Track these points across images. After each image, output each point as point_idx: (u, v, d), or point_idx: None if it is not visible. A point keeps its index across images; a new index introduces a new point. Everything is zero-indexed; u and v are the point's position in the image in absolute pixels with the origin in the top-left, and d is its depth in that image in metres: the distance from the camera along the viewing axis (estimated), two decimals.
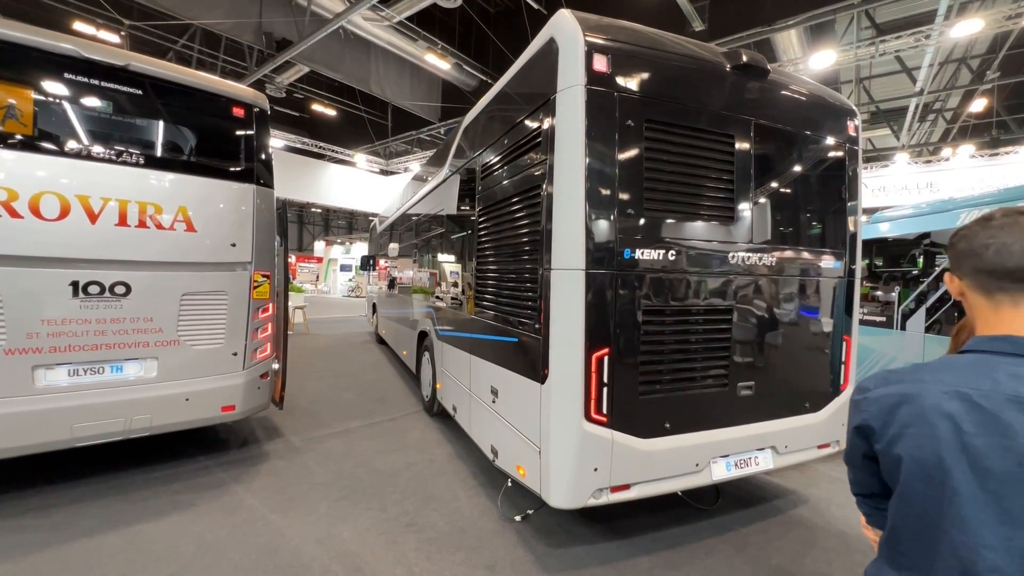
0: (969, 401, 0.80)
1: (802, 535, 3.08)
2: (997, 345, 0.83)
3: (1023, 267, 0.82)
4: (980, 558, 0.75)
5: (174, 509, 3.16)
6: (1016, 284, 0.84)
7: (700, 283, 2.69)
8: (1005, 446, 0.76)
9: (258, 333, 3.91)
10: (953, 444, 0.79)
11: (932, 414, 0.82)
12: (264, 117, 3.96)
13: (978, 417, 0.78)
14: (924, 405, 0.83)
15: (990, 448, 0.77)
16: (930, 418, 0.82)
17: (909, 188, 13.23)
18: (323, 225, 40.99)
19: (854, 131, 3.25)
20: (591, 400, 2.42)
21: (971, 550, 0.76)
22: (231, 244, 3.73)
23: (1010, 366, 0.80)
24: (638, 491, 2.58)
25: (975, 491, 0.77)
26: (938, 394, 0.83)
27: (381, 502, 3.35)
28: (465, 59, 12.36)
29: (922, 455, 0.83)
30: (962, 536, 0.77)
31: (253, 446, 4.31)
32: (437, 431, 4.87)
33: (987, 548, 0.75)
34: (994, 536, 0.75)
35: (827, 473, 4.06)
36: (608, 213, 2.43)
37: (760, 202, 2.86)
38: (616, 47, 2.47)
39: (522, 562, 2.71)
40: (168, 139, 3.57)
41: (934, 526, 0.82)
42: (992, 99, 12.73)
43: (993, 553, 0.74)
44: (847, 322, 3.26)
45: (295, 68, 12.92)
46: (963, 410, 0.80)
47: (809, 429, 3.09)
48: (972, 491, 0.77)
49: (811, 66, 9.88)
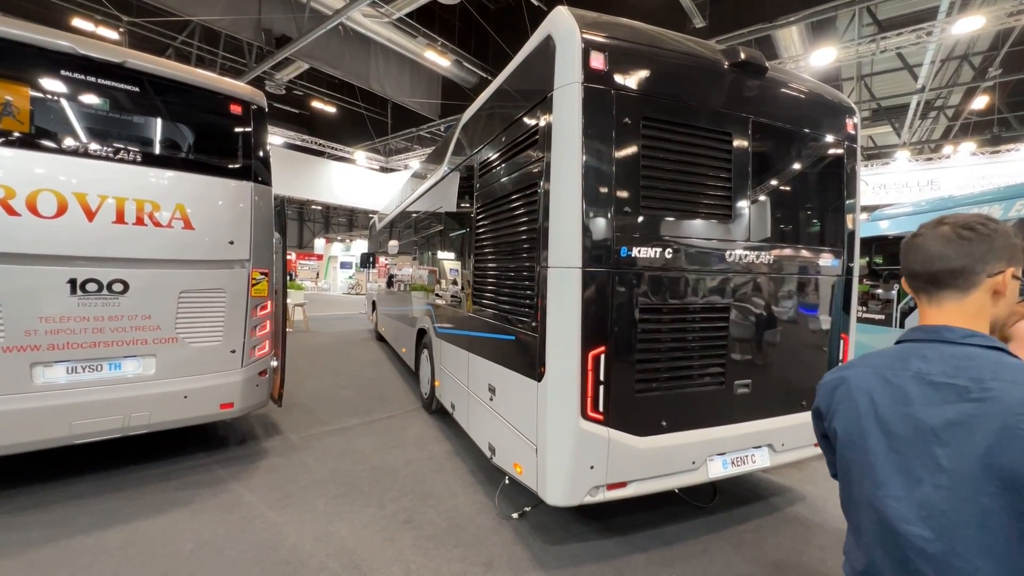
0: (883, 379, 0.97)
1: (798, 532, 3.08)
2: (915, 334, 1.00)
3: (926, 270, 0.98)
4: (887, 507, 0.91)
5: (172, 506, 3.17)
6: (923, 284, 0.99)
7: (697, 281, 2.69)
8: (906, 413, 0.92)
9: (256, 331, 3.92)
10: (869, 414, 0.97)
11: (857, 392, 1.00)
12: (262, 114, 3.95)
13: (888, 391, 0.95)
14: (852, 385, 1.02)
15: (895, 416, 0.93)
16: (855, 395, 1.00)
17: (910, 186, 13.20)
18: (323, 222, 41.01)
19: (853, 129, 3.24)
20: (587, 398, 2.42)
21: (882, 500, 0.92)
22: (229, 242, 3.73)
23: (921, 349, 0.96)
24: (634, 489, 2.58)
25: (885, 452, 0.93)
26: (864, 375, 1.01)
27: (379, 499, 3.36)
28: (465, 56, 12.32)
29: (848, 426, 1.01)
30: (875, 490, 0.94)
31: (252, 443, 4.32)
32: (436, 428, 4.88)
33: (894, 499, 0.90)
34: (899, 488, 0.90)
35: (824, 470, 4.05)
36: (605, 211, 2.43)
37: (758, 200, 2.85)
38: (613, 44, 2.47)
39: (519, 559, 2.72)
40: (165, 136, 3.57)
41: (858, 484, 0.98)
42: (994, 96, 12.67)
43: (898, 503, 0.89)
44: (845, 320, 3.26)
45: (295, 65, 12.88)
46: (879, 386, 0.97)
47: (806, 427, 3.07)
48: (883, 452, 0.93)
49: (812, 63, 9.84)
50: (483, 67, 12.58)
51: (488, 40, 12.40)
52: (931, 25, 8.95)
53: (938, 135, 15.98)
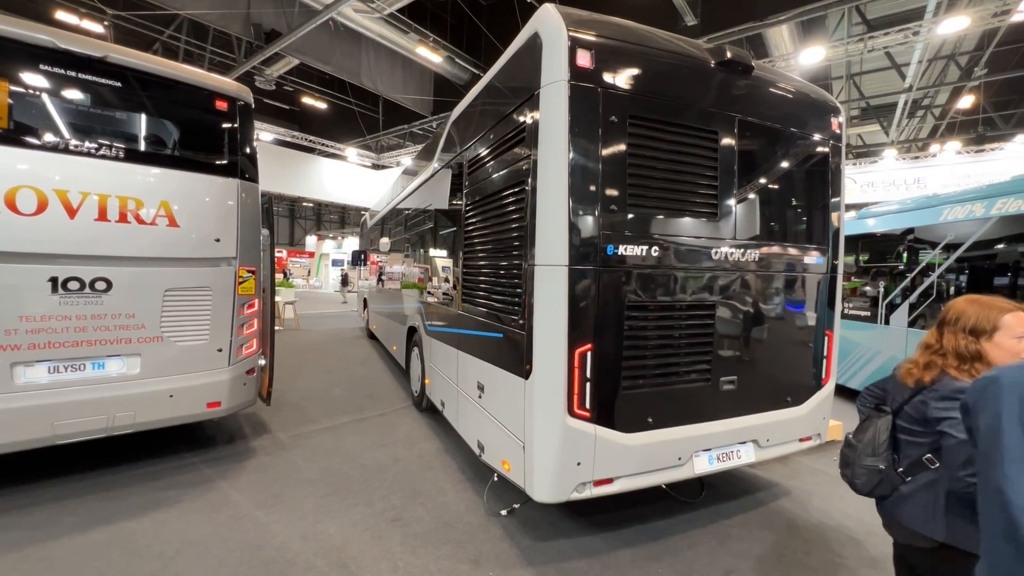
0: None
1: (783, 526, 3.13)
2: None
3: None
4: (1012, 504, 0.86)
5: (158, 506, 3.14)
6: None
7: (683, 279, 2.70)
8: None
9: (244, 329, 3.89)
10: (1013, 414, 0.93)
11: (1007, 392, 0.97)
12: (248, 110, 3.91)
13: None
14: (1003, 385, 0.98)
15: None
16: (1004, 394, 0.97)
17: (897, 184, 13.37)
18: (315, 219, 40.70)
19: (838, 128, 3.27)
20: (574, 395, 2.43)
21: (1007, 498, 0.87)
22: (215, 239, 3.69)
23: None
24: (621, 485, 2.60)
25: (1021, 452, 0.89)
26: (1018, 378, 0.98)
27: (368, 497, 3.35)
28: (457, 52, 12.25)
29: (991, 422, 0.98)
30: (1001, 485, 0.89)
31: (240, 442, 4.29)
32: (426, 426, 4.88)
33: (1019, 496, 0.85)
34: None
35: (809, 465, 4.12)
36: (592, 209, 2.43)
37: (744, 198, 2.87)
38: (600, 43, 2.47)
39: (507, 556, 2.73)
40: (149, 133, 3.52)
41: (989, 484, 0.94)
42: (979, 96, 12.84)
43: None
44: (829, 317, 3.30)
45: (284, 60, 12.74)
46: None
47: (791, 423, 3.13)
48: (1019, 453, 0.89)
49: (802, 61, 9.90)
50: (475, 63, 12.52)
51: (480, 36, 12.34)
52: (918, 25, 9.04)
53: (925, 134, 16.18)
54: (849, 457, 1.77)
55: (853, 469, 1.73)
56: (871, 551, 2.88)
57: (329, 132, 18.74)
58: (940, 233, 5.09)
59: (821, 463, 4.17)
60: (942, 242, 5.04)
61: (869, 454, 1.68)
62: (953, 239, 4.92)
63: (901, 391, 1.67)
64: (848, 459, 1.77)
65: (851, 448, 1.77)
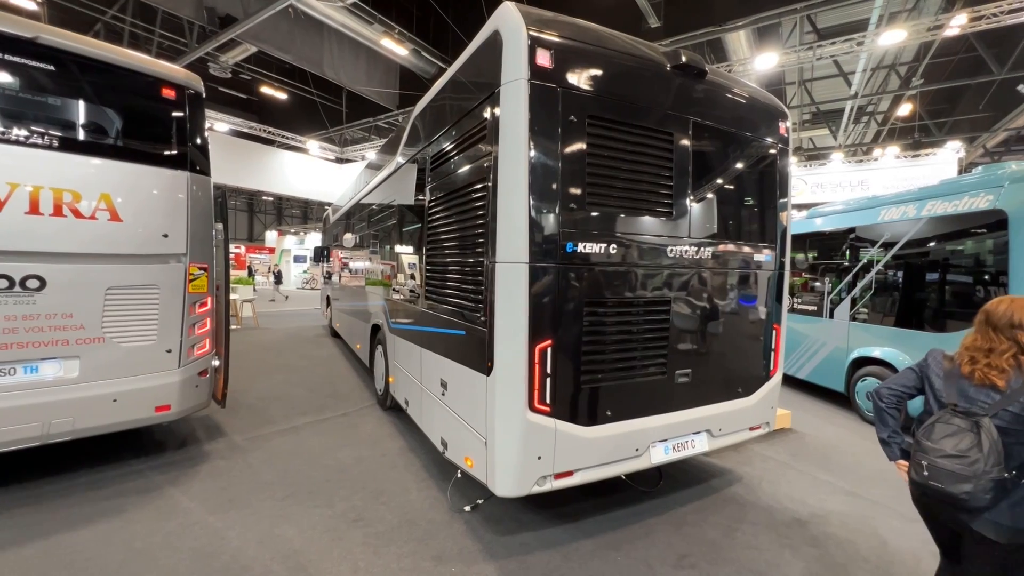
0: None
1: (735, 511, 3.29)
2: None
3: None
4: None
5: (101, 516, 2.97)
6: None
7: (641, 276, 2.79)
8: None
9: (195, 329, 3.72)
10: None
11: None
12: (198, 100, 3.72)
13: None
14: None
15: None
16: None
17: (843, 185, 14.18)
18: (276, 214, 39.22)
19: (785, 132, 3.44)
20: (535, 391, 2.47)
21: None
22: (163, 235, 3.51)
23: None
24: (581, 477, 2.67)
25: None
26: None
27: (329, 499, 3.29)
28: (423, 45, 12.05)
29: None
30: None
31: (192, 447, 4.12)
32: (390, 425, 4.82)
33: None
34: None
35: (760, 452, 4.34)
36: (552, 207, 2.47)
37: (697, 198, 2.98)
38: (559, 43, 2.50)
39: (469, 551, 2.75)
40: (88, 121, 3.30)
41: None
42: (916, 104, 13.78)
43: None
44: (778, 311, 3.48)
45: (241, 47, 12.16)
46: None
47: (742, 412, 3.29)
48: None
49: (757, 66, 10.32)
50: (441, 57, 12.37)
51: (447, 29, 12.19)
52: (862, 36, 9.59)
53: (869, 138, 17.22)
54: (965, 472, 1.53)
55: (977, 483, 1.52)
56: (813, 531, 3.07)
57: (290, 124, 18.06)
58: (878, 232, 5.44)
59: (771, 450, 4.40)
60: (880, 240, 5.39)
61: (995, 463, 1.51)
62: (889, 238, 5.28)
63: (985, 394, 1.63)
64: (965, 475, 1.53)
65: (959, 459, 1.55)
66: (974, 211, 4.39)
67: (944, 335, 4.54)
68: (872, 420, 5.12)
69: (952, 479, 1.55)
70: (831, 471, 4.00)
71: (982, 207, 4.32)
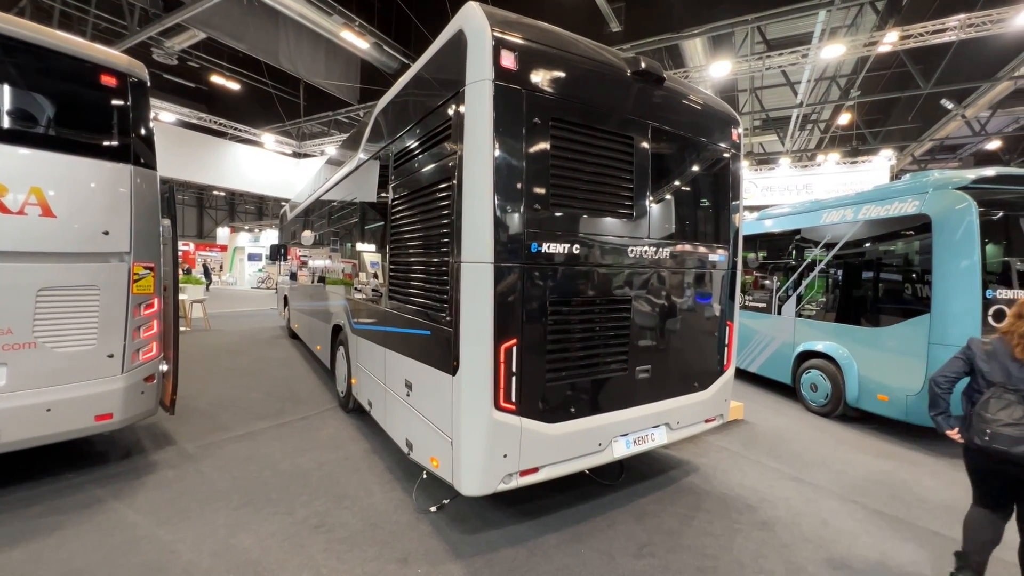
0: None
1: (691, 500, 3.44)
2: None
3: None
4: None
5: (34, 535, 2.76)
6: None
7: (602, 275, 2.86)
8: None
9: (141, 332, 3.51)
10: None
11: None
12: (142, 88, 3.50)
13: None
14: None
15: None
16: None
17: (790, 189, 15.05)
18: (228, 210, 37.34)
19: (737, 137, 3.62)
20: (500, 389, 2.49)
21: None
22: (103, 232, 3.28)
23: None
24: (546, 473, 2.72)
25: None
26: None
27: (288, 505, 3.19)
28: (385, 39, 11.79)
29: None
30: None
31: (138, 457, 3.88)
32: (352, 427, 4.72)
33: None
34: None
35: (715, 443, 4.56)
36: (516, 208, 2.50)
37: (656, 200, 3.10)
38: (524, 45, 2.52)
39: (435, 551, 2.74)
40: (13, 108, 3.04)
41: None
42: (854, 114, 14.79)
43: None
44: (731, 309, 3.66)
45: (189, 32, 11.46)
46: None
47: (698, 406, 3.44)
48: None
49: (712, 74, 10.76)
50: (404, 52, 12.15)
51: (410, 24, 11.99)
52: (807, 48, 10.20)
53: (813, 145, 18.31)
54: (1022, 435, 2.01)
55: None
56: (762, 515, 3.26)
57: (243, 116, 17.20)
58: (821, 234, 5.82)
59: (725, 440, 4.63)
60: (822, 241, 5.77)
61: None
62: (831, 239, 5.66)
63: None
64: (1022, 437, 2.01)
65: (1016, 426, 2.03)
66: (903, 215, 4.78)
67: (878, 329, 4.92)
68: (816, 410, 5.48)
69: (1011, 442, 2.03)
70: (779, 459, 4.25)
71: (909, 211, 4.70)
